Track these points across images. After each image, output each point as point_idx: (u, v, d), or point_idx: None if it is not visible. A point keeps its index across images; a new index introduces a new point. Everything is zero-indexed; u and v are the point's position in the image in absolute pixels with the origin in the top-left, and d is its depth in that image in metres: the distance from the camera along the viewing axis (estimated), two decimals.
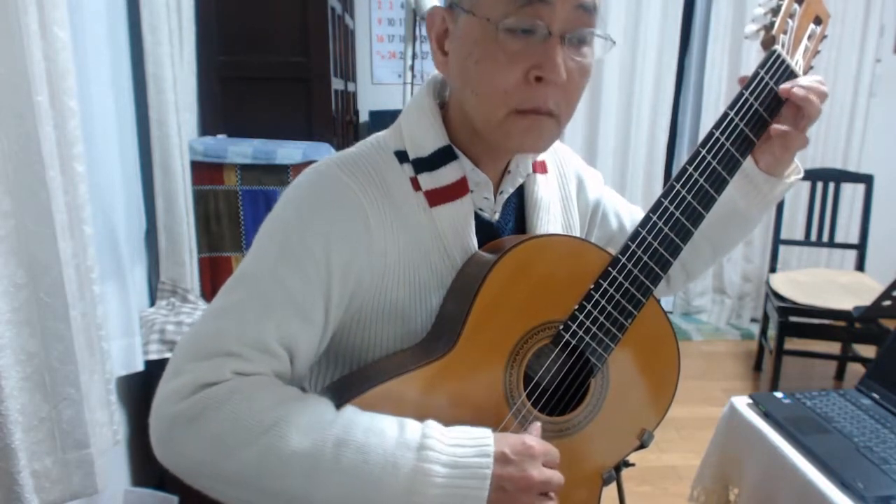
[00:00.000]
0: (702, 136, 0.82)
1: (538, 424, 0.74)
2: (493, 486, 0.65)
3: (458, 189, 0.78)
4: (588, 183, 0.98)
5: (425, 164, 0.78)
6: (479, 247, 0.80)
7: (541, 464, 0.68)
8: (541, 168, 0.89)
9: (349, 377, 0.78)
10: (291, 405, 0.66)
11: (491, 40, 0.70)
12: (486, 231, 0.82)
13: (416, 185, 0.78)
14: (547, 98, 0.71)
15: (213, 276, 2.05)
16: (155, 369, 1.67)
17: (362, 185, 0.74)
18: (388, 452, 0.64)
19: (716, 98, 3.56)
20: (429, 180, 0.78)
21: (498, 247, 0.78)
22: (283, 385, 0.70)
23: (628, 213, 1.05)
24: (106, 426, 1.37)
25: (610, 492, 0.87)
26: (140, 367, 1.66)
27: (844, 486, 1.08)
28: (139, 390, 1.80)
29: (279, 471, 0.64)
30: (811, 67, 0.88)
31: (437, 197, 0.77)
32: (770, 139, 0.84)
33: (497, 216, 0.84)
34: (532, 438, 0.70)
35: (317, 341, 0.73)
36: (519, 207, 0.88)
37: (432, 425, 0.67)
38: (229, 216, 2.03)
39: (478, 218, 0.81)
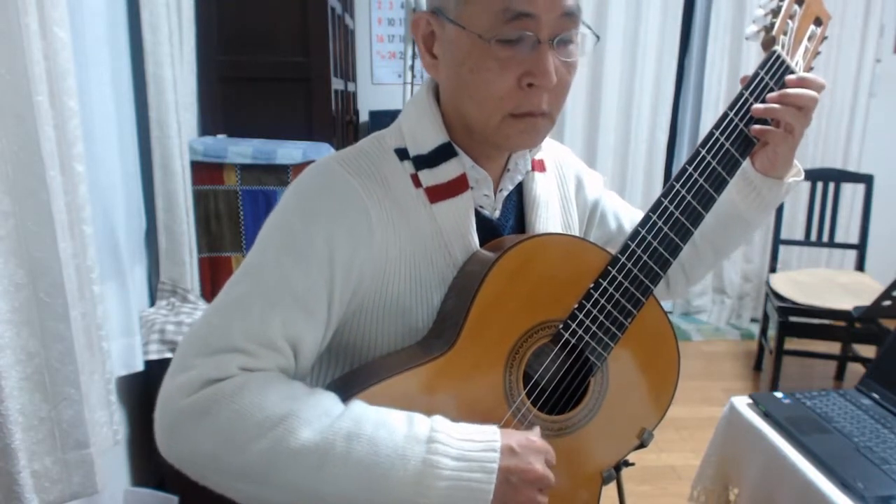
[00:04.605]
0: (702, 136, 0.82)
1: (538, 428, 0.75)
2: (499, 478, 0.66)
3: (458, 185, 0.78)
4: (587, 183, 0.99)
5: (425, 161, 0.78)
6: (480, 244, 0.80)
7: (543, 459, 0.70)
8: (539, 167, 0.90)
9: (351, 375, 0.79)
10: (299, 400, 0.67)
11: (481, 51, 0.71)
12: (487, 228, 0.82)
13: (416, 182, 0.78)
14: (540, 102, 0.73)
15: (213, 276, 2.05)
16: (155, 369, 1.68)
17: (364, 182, 0.75)
18: (398, 445, 0.65)
19: (716, 98, 3.56)
20: (429, 177, 0.78)
21: (498, 245, 0.78)
22: (290, 380, 0.71)
23: (629, 215, 1.04)
24: (106, 426, 1.37)
25: (610, 491, 0.87)
26: (140, 367, 1.66)
27: (844, 486, 1.08)
28: (139, 390, 1.80)
29: (289, 464, 0.64)
30: (811, 68, 0.88)
31: (438, 193, 0.78)
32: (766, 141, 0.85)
33: (497, 213, 0.84)
34: (534, 435, 0.72)
35: (320, 337, 0.74)
36: (518, 205, 0.88)
37: (440, 420, 0.68)
38: (229, 216, 2.02)
39: (478, 215, 0.82)
